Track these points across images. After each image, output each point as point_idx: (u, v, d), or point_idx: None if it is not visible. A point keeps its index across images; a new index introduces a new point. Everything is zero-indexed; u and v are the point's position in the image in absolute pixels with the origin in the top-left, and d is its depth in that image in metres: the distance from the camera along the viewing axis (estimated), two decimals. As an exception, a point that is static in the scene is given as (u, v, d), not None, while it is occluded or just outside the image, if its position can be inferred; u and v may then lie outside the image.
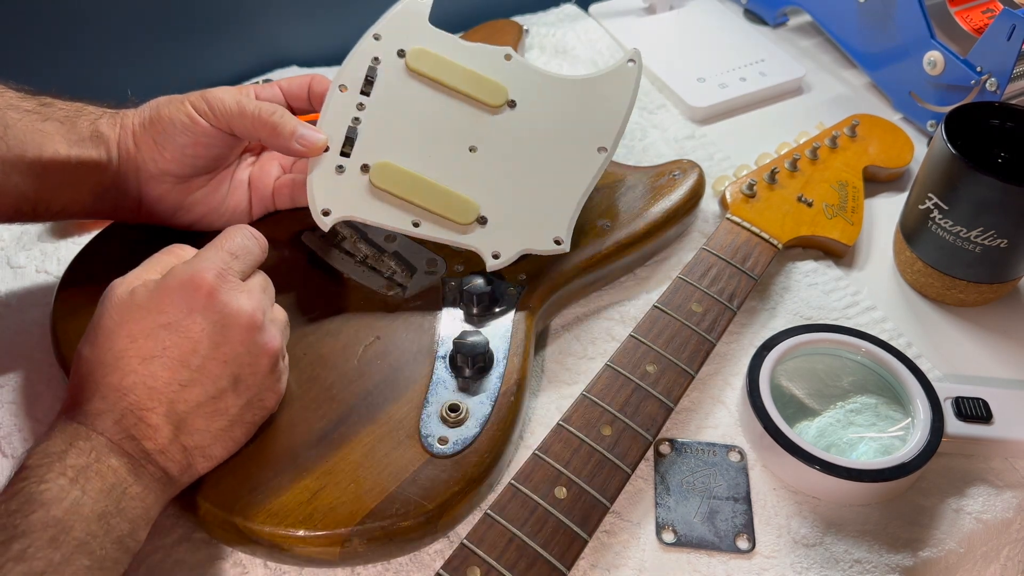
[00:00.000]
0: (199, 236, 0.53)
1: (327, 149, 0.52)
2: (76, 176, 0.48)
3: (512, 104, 0.54)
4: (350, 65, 0.54)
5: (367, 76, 0.54)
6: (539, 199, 0.52)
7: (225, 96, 0.50)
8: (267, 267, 0.52)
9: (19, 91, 0.50)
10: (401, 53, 0.54)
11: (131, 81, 0.72)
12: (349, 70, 0.54)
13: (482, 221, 0.51)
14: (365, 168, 0.52)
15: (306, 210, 0.55)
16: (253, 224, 0.54)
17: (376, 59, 0.54)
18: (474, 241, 0.51)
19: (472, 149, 0.53)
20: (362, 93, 0.53)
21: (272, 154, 0.57)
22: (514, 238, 0.51)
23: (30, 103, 0.49)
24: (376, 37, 0.55)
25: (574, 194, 0.52)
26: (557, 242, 0.51)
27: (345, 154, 0.52)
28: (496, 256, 0.51)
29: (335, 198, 0.51)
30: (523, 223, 0.52)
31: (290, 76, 0.56)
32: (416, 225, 0.51)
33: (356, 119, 0.53)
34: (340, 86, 0.53)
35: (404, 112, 0.54)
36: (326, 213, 0.51)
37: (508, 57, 0.55)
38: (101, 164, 0.49)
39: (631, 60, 0.55)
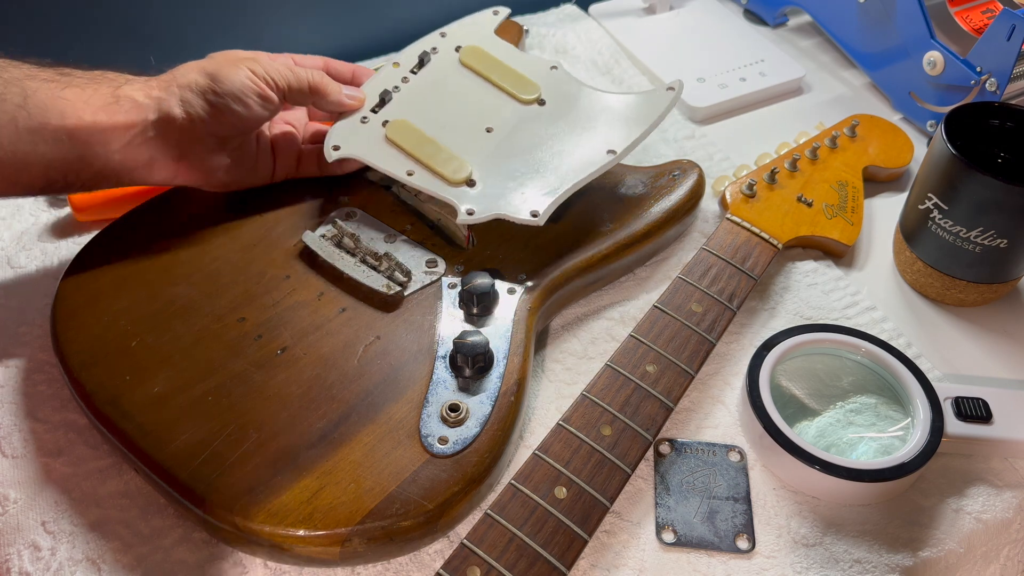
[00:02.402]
0: (200, 237, 0.53)
1: None
2: (102, 142, 0.48)
3: (541, 102, 0.59)
4: (409, 49, 0.62)
5: (421, 59, 0.61)
6: (532, 178, 0.54)
7: (279, 66, 0.52)
8: (267, 267, 0.52)
9: (36, 63, 0.49)
10: (458, 49, 0.62)
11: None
12: (407, 53, 0.62)
13: (471, 184, 0.54)
14: (385, 123, 0.57)
15: (308, 208, 0.56)
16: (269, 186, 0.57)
17: (434, 48, 0.62)
18: (455, 196, 0.53)
19: (489, 129, 0.57)
20: (411, 72, 0.60)
21: (285, 116, 0.59)
22: (493, 202, 0.53)
23: (48, 73, 0.49)
24: (442, 35, 0.63)
25: (567, 181, 0.54)
26: (533, 214, 0.52)
27: (375, 111, 0.58)
28: (470, 213, 0.52)
29: (349, 139, 0.56)
30: (508, 193, 0.54)
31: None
32: (410, 174, 0.54)
33: (396, 87, 0.59)
34: (394, 63, 0.61)
35: (441, 90, 0.60)
36: (336, 148, 0.55)
37: (554, 68, 0.61)
38: (130, 127, 0.48)
39: (671, 87, 0.59)
